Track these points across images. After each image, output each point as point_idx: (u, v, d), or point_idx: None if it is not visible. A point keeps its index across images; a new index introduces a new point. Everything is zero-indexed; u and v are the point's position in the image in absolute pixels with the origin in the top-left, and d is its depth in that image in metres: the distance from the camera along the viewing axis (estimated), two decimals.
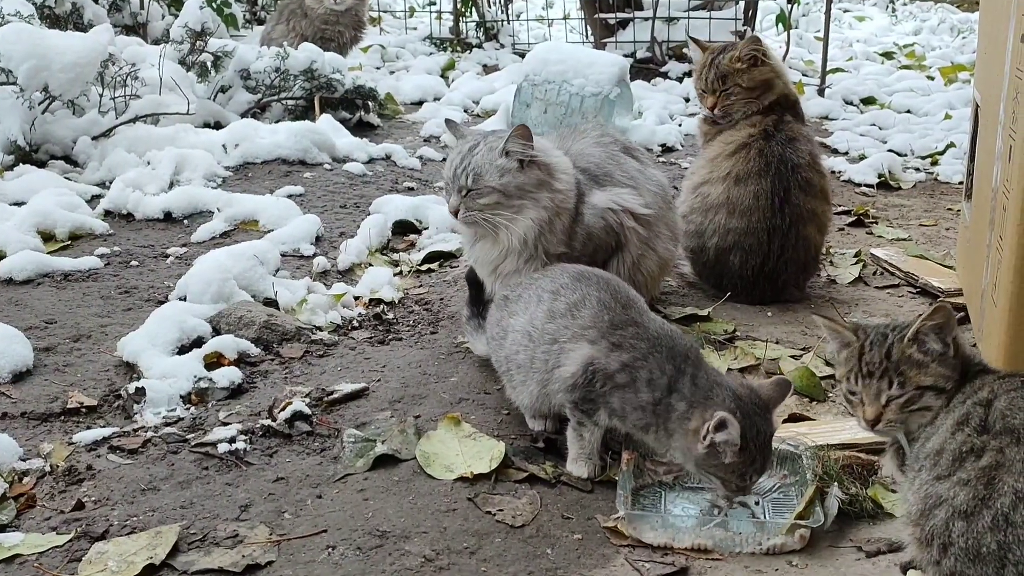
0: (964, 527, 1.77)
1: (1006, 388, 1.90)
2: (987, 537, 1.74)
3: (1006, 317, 2.60)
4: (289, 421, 2.62)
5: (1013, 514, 1.73)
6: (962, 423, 1.88)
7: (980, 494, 1.77)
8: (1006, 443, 1.79)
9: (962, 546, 1.77)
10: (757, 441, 2.19)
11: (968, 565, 1.76)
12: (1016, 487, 1.75)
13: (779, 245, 3.51)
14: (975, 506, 1.76)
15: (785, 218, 3.51)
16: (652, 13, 7.76)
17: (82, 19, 6.16)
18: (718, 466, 2.21)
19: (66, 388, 2.78)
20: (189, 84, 5.43)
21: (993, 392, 1.90)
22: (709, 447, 2.18)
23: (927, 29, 11.97)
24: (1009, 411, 1.84)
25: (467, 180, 2.82)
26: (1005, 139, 2.71)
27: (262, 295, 3.34)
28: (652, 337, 2.36)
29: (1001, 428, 1.82)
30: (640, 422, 2.32)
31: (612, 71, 5.43)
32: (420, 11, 10.08)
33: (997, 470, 1.77)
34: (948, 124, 6.37)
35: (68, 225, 3.89)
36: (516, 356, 2.55)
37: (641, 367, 2.31)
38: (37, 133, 4.69)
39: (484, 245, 2.93)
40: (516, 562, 2.12)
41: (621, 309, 2.43)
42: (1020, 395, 1.86)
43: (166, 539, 2.13)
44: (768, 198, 3.50)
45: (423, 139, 5.81)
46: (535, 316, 2.52)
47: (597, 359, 2.36)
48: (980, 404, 1.89)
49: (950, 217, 4.70)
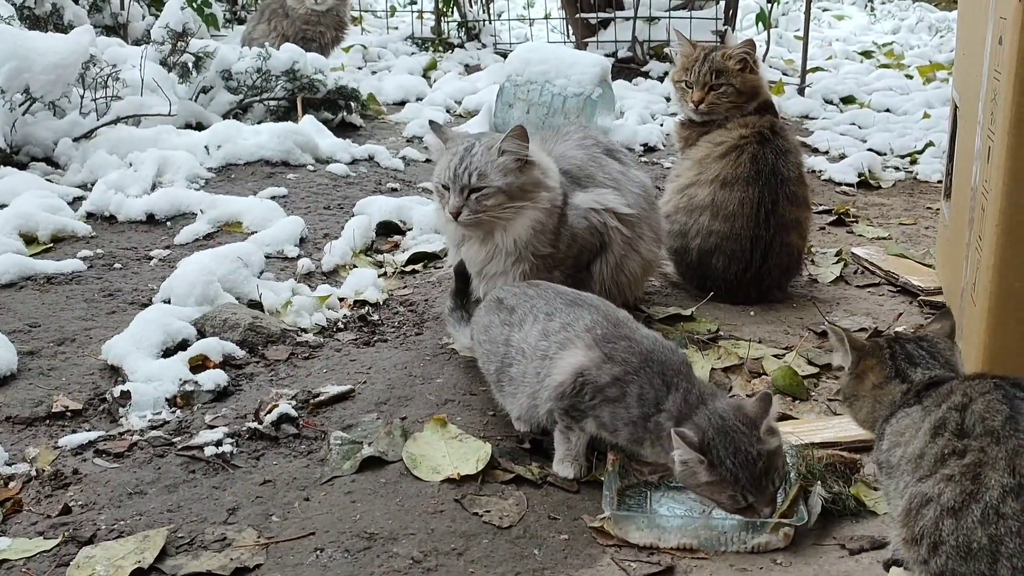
0: (953, 524, 1.77)
1: (980, 391, 1.91)
2: (977, 532, 1.74)
3: (986, 316, 2.63)
4: (275, 424, 2.62)
5: (1002, 506, 1.73)
6: (939, 428, 1.88)
7: (967, 489, 1.77)
8: (987, 443, 1.80)
9: (953, 544, 1.77)
10: (735, 459, 2.13)
11: (960, 563, 1.76)
12: (1003, 481, 1.75)
13: (761, 254, 3.52)
14: (963, 501, 1.77)
15: (770, 229, 3.51)
16: (633, 13, 7.79)
17: (62, 20, 6.14)
18: (700, 486, 2.17)
19: (51, 392, 2.78)
20: (171, 85, 5.41)
21: (967, 396, 1.91)
22: (681, 465, 2.16)
23: (905, 28, 12.06)
24: (988, 414, 1.84)
25: (470, 179, 2.80)
26: (984, 139, 2.74)
27: (247, 297, 3.34)
28: (644, 352, 2.33)
29: (981, 431, 1.82)
30: (632, 436, 2.31)
31: (594, 71, 5.45)
32: (401, 11, 10.07)
33: (981, 467, 1.78)
34: (927, 123, 6.42)
35: (50, 227, 3.88)
36: (509, 370, 2.53)
37: (632, 382, 2.29)
38: (18, 135, 4.67)
39: (472, 246, 2.94)
40: (503, 563, 2.13)
41: (612, 327, 2.42)
42: (996, 397, 1.87)
43: (154, 543, 2.13)
44: (754, 207, 3.50)
45: (406, 140, 5.81)
46: (528, 335, 2.50)
47: (588, 369, 2.34)
48: (955, 408, 1.89)
49: (929, 216, 4.74)
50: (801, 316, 3.48)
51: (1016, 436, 1.79)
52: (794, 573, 2.13)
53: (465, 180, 2.81)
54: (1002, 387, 1.89)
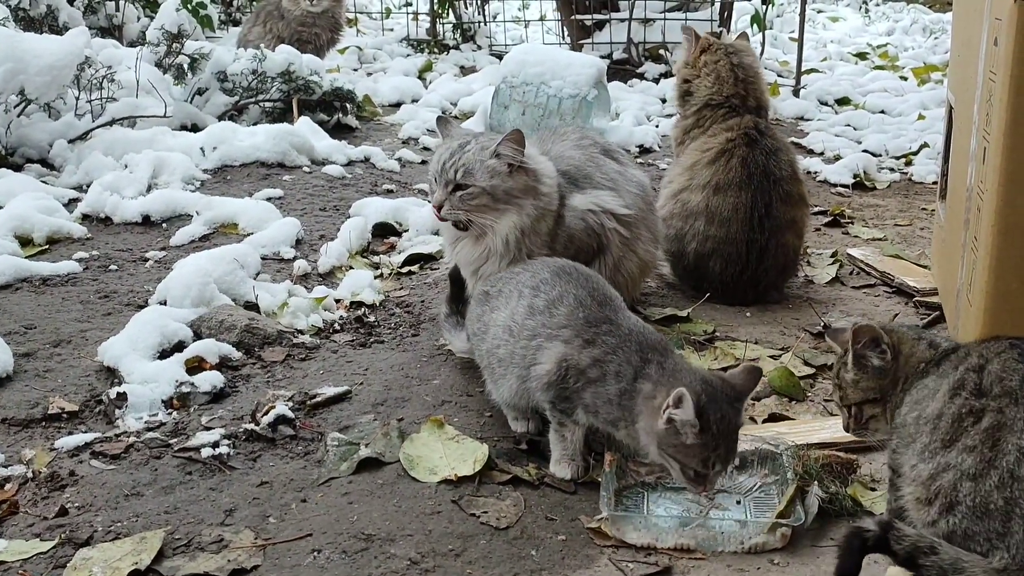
0: (972, 487, 1.83)
1: (995, 351, 1.96)
2: (994, 495, 1.81)
3: (981, 316, 2.64)
4: (272, 425, 2.61)
5: (1018, 469, 1.80)
6: (958, 388, 1.93)
7: (986, 456, 1.83)
8: (1005, 404, 1.86)
9: (969, 504, 1.83)
10: (720, 425, 2.15)
11: (975, 522, 1.82)
12: (1020, 444, 1.82)
13: (757, 256, 3.53)
14: (983, 468, 1.83)
15: (764, 231, 3.52)
16: (628, 14, 7.80)
17: (57, 21, 6.12)
18: (678, 447, 2.17)
19: (47, 394, 2.77)
20: (166, 86, 5.41)
21: (983, 357, 1.96)
22: (668, 424, 2.15)
23: (900, 30, 12.10)
24: (1005, 373, 1.90)
25: (455, 175, 2.80)
26: (979, 141, 2.75)
27: (243, 299, 3.33)
28: (624, 333, 2.37)
29: (999, 391, 1.88)
30: (609, 416, 2.33)
31: (590, 72, 5.46)
32: (396, 12, 10.08)
33: (1000, 430, 1.84)
34: (921, 124, 6.43)
35: (46, 229, 3.87)
36: (497, 350, 2.56)
37: (611, 360, 2.33)
38: (13, 136, 4.67)
39: (466, 245, 2.94)
40: (501, 564, 2.13)
41: (597, 307, 2.45)
42: (1011, 356, 1.93)
43: (151, 544, 2.12)
44: (747, 211, 3.51)
45: (401, 141, 5.81)
46: (516, 311, 2.53)
47: (570, 355, 2.38)
48: (972, 370, 1.95)
49: (924, 217, 4.75)
50: (797, 317, 3.49)
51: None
52: (791, 573, 2.14)
53: (451, 175, 2.80)
54: (1018, 346, 1.95)
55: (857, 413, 2.20)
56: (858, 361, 2.16)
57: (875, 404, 2.17)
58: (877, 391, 2.16)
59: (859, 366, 2.17)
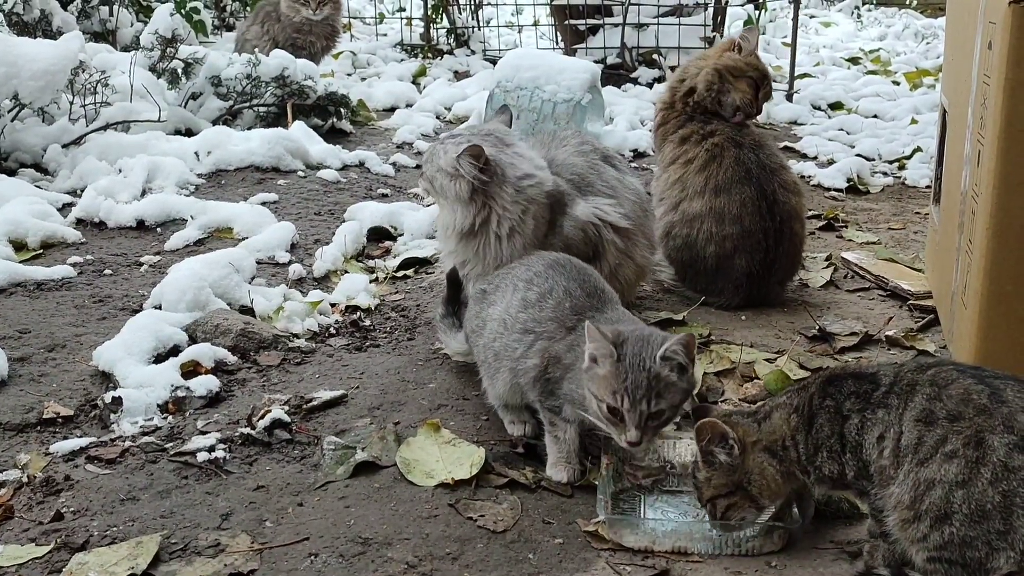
0: (964, 494, 1.83)
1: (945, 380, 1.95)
2: (989, 492, 1.81)
3: (976, 319, 2.64)
4: (268, 429, 2.61)
5: (1010, 461, 1.81)
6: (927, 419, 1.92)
7: (971, 457, 1.84)
8: (982, 419, 1.87)
9: (966, 511, 1.82)
10: (633, 361, 2.21)
11: (972, 527, 1.82)
12: (1005, 439, 1.83)
13: (775, 241, 3.58)
14: (970, 471, 1.83)
15: (776, 217, 3.57)
16: (622, 19, 7.81)
17: (51, 26, 6.12)
18: (593, 378, 2.26)
19: (42, 398, 2.76)
20: (160, 91, 5.41)
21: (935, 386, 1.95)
22: (591, 362, 2.26)
23: (892, 34, 12.14)
24: (970, 394, 1.91)
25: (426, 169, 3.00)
26: (974, 144, 2.75)
27: (238, 303, 3.33)
28: (605, 320, 2.41)
29: (973, 411, 1.89)
30: (584, 402, 2.34)
31: (584, 77, 5.46)
32: (390, 17, 10.08)
33: (981, 433, 1.85)
34: (914, 129, 6.45)
35: (40, 234, 3.87)
36: (493, 344, 2.59)
37: (583, 343, 2.34)
38: (7, 141, 4.66)
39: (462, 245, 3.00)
40: (498, 567, 2.13)
41: (585, 297, 2.51)
42: (968, 383, 1.93)
43: (147, 549, 2.12)
44: (755, 203, 3.55)
45: (396, 146, 5.81)
46: (511, 304, 2.58)
47: (552, 346, 2.45)
48: (934, 399, 1.94)
49: (918, 220, 4.76)
50: (792, 320, 3.49)
51: (1005, 405, 1.87)
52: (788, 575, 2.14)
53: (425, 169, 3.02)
54: (967, 372, 1.97)
55: (712, 510, 2.19)
56: (706, 458, 2.15)
57: (730, 496, 2.16)
58: (730, 485, 2.15)
59: (707, 463, 2.16)
